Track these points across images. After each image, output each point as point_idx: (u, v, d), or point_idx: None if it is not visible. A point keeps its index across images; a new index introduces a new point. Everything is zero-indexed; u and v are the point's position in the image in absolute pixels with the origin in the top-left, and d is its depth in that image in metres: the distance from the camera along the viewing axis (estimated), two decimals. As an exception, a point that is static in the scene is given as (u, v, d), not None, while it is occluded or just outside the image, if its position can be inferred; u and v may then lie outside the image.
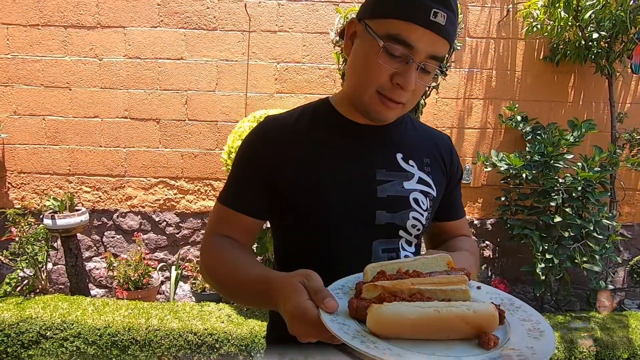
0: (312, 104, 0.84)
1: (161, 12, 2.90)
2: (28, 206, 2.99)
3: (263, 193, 0.77)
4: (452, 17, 0.68)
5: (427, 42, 0.66)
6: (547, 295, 2.99)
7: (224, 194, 0.81)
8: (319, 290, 0.55)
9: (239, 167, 0.81)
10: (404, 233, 0.78)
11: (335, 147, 0.77)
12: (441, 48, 0.68)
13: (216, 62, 2.96)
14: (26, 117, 3.00)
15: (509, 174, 2.81)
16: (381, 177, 0.77)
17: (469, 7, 2.96)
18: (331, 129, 0.79)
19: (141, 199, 3.10)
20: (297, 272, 0.59)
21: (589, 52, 2.77)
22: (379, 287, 0.54)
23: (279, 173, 0.76)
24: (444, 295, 0.54)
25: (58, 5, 2.87)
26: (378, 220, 0.76)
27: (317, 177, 0.75)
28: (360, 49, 0.72)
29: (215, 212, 0.82)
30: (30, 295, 2.69)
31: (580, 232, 2.72)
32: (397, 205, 0.77)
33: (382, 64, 0.68)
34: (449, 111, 3.06)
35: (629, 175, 3.14)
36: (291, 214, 0.77)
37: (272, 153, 0.76)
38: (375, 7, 0.70)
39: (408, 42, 0.66)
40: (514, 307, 0.59)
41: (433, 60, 0.69)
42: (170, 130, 3.04)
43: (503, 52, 3.03)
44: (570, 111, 3.06)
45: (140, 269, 2.82)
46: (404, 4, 0.66)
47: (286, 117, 0.81)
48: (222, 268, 0.74)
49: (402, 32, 0.66)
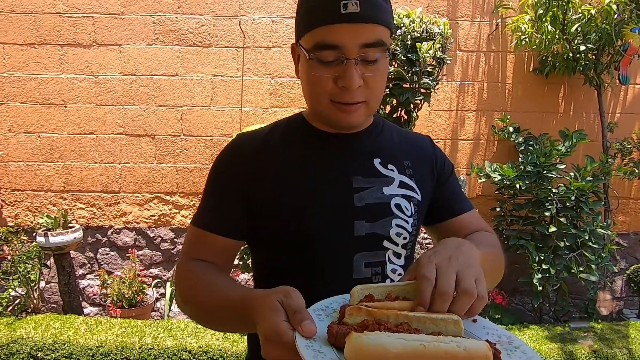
0: (285, 119, 0.82)
1: (157, 29, 2.94)
2: (21, 224, 2.97)
3: (238, 212, 0.74)
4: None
5: (349, 36, 0.64)
6: (545, 306, 2.97)
7: (198, 216, 0.77)
8: (297, 310, 0.50)
9: (211, 187, 0.77)
10: (389, 244, 0.73)
11: (309, 159, 0.75)
12: (369, 34, 0.65)
13: (211, 78, 3.00)
14: (21, 135, 3.00)
15: (503, 184, 2.83)
16: (358, 185, 0.73)
17: (458, 21, 3.02)
18: (304, 141, 0.77)
19: (136, 215, 3.09)
20: (276, 289, 0.55)
21: (577, 64, 2.83)
22: (364, 310, 0.50)
23: (253, 189, 0.73)
24: (433, 325, 0.50)
25: (54, 25, 2.91)
26: (357, 231, 0.71)
27: (291, 191, 0.72)
28: (301, 68, 0.71)
29: (189, 236, 0.77)
30: (21, 315, 2.64)
31: (576, 242, 2.73)
32: (377, 213, 0.72)
33: (320, 75, 0.67)
34: (442, 123, 3.09)
35: (622, 184, 3.16)
36: (267, 230, 0.74)
37: (244, 169, 0.74)
38: (298, 26, 0.70)
39: (332, 44, 0.65)
40: (513, 347, 0.52)
41: (370, 49, 0.65)
42: (166, 146, 3.04)
43: (493, 64, 3.09)
44: (561, 122, 3.11)
45: (134, 286, 2.79)
46: (316, 10, 0.66)
47: (257, 132, 0.79)
48: (199, 292, 0.68)
49: (322, 38, 0.65)
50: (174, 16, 2.93)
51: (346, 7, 0.63)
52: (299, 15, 0.71)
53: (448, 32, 2.43)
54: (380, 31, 0.66)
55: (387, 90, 2.44)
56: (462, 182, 3.09)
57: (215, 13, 2.94)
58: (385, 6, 0.67)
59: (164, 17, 2.93)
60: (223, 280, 0.68)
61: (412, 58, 2.35)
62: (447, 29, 2.42)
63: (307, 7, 0.68)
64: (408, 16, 2.41)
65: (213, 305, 0.65)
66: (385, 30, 0.67)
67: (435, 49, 2.35)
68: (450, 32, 2.47)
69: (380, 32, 0.66)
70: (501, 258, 0.78)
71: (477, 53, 3.07)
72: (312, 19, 0.66)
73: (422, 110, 2.75)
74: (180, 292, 0.72)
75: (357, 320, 0.50)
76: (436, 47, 2.35)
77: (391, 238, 0.73)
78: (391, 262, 0.74)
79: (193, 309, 0.70)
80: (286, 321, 0.50)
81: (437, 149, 0.85)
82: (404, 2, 2.95)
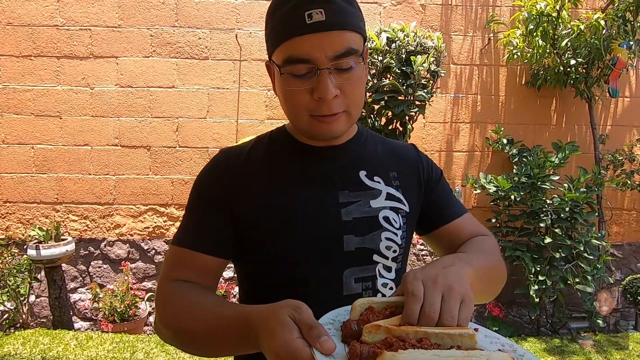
0: (267, 133, 0.79)
1: (154, 42, 2.97)
2: (12, 236, 2.92)
3: (223, 229, 0.70)
4: (332, 5, 0.62)
5: (318, 46, 0.62)
6: (542, 317, 2.96)
7: (180, 236, 0.72)
8: (313, 326, 0.47)
9: (194, 205, 0.74)
10: (379, 257, 0.71)
11: (294, 175, 0.72)
12: (338, 42, 0.62)
13: (207, 90, 3.01)
14: (14, 146, 2.98)
15: (498, 195, 2.84)
16: (344, 199, 0.71)
17: (452, 36, 3.08)
18: (288, 155, 0.74)
19: (130, 227, 3.05)
20: (284, 303, 0.51)
21: (568, 78, 2.89)
22: (382, 328, 0.48)
23: (237, 207, 0.70)
24: (450, 340, 0.49)
25: (51, 37, 2.92)
26: (347, 246, 0.69)
27: (277, 208, 0.69)
28: (277, 85, 0.70)
29: (171, 257, 0.72)
30: (10, 330, 2.58)
31: (571, 253, 2.73)
32: (366, 227, 0.70)
33: (294, 89, 0.65)
34: (437, 135, 3.12)
35: (615, 195, 3.20)
36: (253, 248, 0.71)
37: (227, 187, 0.71)
38: (268, 42, 0.69)
39: (301, 57, 0.62)
40: (518, 355, 0.53)
41: (342, 57, 0.63)
42: (161, 157, 3.03)
43: (486, 77, 3.14)
44: (554, 134, 3.15)
45: (126, 299, 2.74)
46: (282, 24, 0.64)
47: (240, 148, 0.77)
48: (185, 315, 0.62)
49: (291, 52, 0.63)
50: (171, 29, 2.96)
51: (311, 17, 0.61)
52: (267, 31, 0.69)
53: (442, 46, 2.48)
54: (350, 38, 0.64)
55: (383, 102, 2.47)
56: (458, 193, 3.10)
57: (212, 26, 2.97)
58: (352, 11, 0.65)
59: (161, 30, 2.96)
60: (212, 298, 0.64)
61: (406, 71, 2.38)
62: (440, 43, 2.47)
63: (273, 23, 0.66)
64: (402, 30, 2.45)
65: (203, 326, 0.60)
66: (355, 35, 0.65)
67: (429, 62, 2.39)
68: (443, 46, 2.51)
69: (350, 39, 0.64)
70: (500, 265, 0.75)
71: (470, 66, 3.12)
72: (279, 33, 0.65)
73: (417, 122, 2.78)
74: (162, 317, 0.66)
75: (376, 338, 0.48)
76: (430, 60, 2.39)
77: (381, 252, 0.71)
78: (382, 276, 0.72)
79: (177, 333, 0.64)
80: (300, 338, 0.47)
81: (422, 156, 0.83)
82: (398, 16, 3.01)
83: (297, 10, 0.62)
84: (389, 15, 3.02)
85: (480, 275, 0.62)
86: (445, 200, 0.82)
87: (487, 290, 0.70)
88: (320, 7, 0.61)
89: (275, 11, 0.66)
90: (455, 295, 0.52)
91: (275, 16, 0.66)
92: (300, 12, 0.62)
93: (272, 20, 0.67)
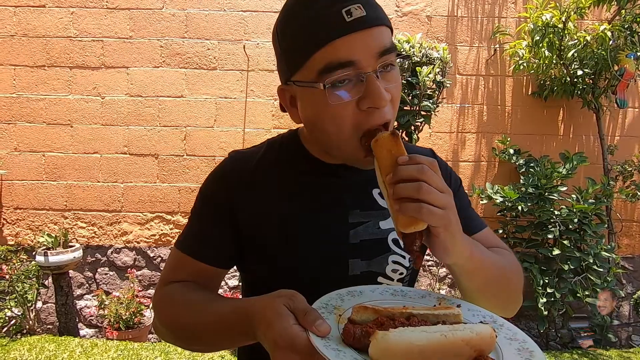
0: (279, 139, 0.74)
1: (163, 53, 3.03)
2: (22, 242, 2.96)
3: (226, 240, 0.68)
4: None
5: (362, 46, 0.54)
6: (551, 331, 2.90)
7: (184, 240, 0.70)
8: (307, 311, 0.48)
9: (199, 210, 0.71)
10: (383, 279, 0.68)
11: (304, 191, 0.68)
12: (382, 38, 0.56)
13: (215, 100, 3.06)
14: (26, 154, 3.04)
15: (505, 206, 2.82)
16: (354, 219, 0.67)
17: (457, 46, 3.10)
18: (299, 169, 0.69)
19: (136, 234, 3.08)
20: (278, 293, 0.51)
21: (575, 88, 2.88)
22: (370, 309, 0.51)
23: (242, 219, 0.67)
24: (435, 318, 0.52)
25: (65, 48, 3.00)
26: (352, 270, 0.66)
27: (282, 226, 0.66)
28: (309, 107, 0.60)
29: (173, 260, 0.71)
30: (16, 336, 2.59)
31: (580, 265, 2.69)
32: (373, 250, 0.67)
33: (337, 104, 0.56)
34: (443, 145, 3.12)
35: (625, 207, 3.15)
36: (253, 261, 0.69)
37: (234, 196, 0.67)
38: (290, 60, 0.59)
39: (344, 62, 0.54)
40: (498, 325, 0.56)
41: (387, 55, 0.56)
42: (168, 165, 3.07)
43: (492, 88, 3.14)
44: (561, 144, 3.13)
45: (132, 307, 2.74)
46: (314, 28, 0.55)
47: (250, 154, 0.71)
48: (184, 312, 0.62)
49: (330, 58, 0.54)
50: (180, 40, 3.02)
51: (350, 13, 0.53)
52: (287, 48, 0.60)
53: (447, 56, 2.49)
54: (388, 33, 0.58)
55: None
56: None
57: (220, 37, 3.03)
58: (380, 7, 0.60)
59: (171, 41, 3.02)
60: (207, 295, 0.64)
61: (412, 81, 2.40)
62: (446, 53, 2.49)
63: (298, 31, 0.57)
64: (408, 41, 2.48)
65: (200, 322, 0.60)
66: (390, 32, 0.59)
67: (435, 73, 2.40)
68: (449, 57, 2.53)
69: (389, 35, 0.58)
70: (515, 274, 0.70)
71: (476, 77, 3.13)
72: (312, 39, 0.55)
73: (423, 132, 2.79)
74: (160, 316, 0.67)
75: (364, 318, 0.50)
76: (436, 71, 2.41)
77: (386, 274, 0.69)
78: None
79: (175, 330, 0.64)
80: (296, 324, 0.47)
81: (441, 165, 0.75)
82: (404, 28, 3.04)
83: (331, 7, 0.54)
84: (395, 26, 3.06)
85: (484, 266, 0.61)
86: (462, 214, 0.70)
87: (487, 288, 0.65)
88: (358, 1, 0.55)
89: (298, 17, 0.57)
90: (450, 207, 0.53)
91: (298, 23, 0.57)
92: (337, 9, 0.54)
93: (294, 30, 0.57)
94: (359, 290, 0.61)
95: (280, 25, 0.60)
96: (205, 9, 3.01)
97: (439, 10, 3.08)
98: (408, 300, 0.61)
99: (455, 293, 3.04)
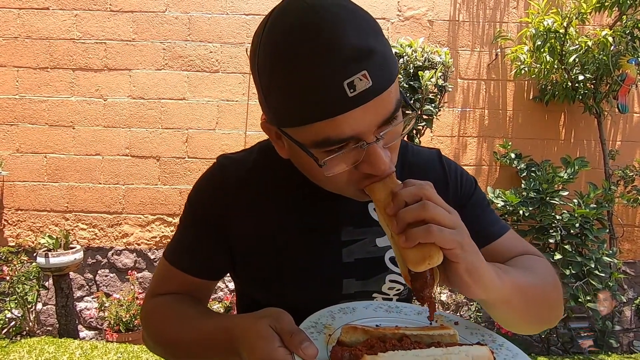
0: (271, 145, 0.64)
1: (166, 55, 3.04)
2: (22, 244, 2.96)
3: (213, 251, 0.65)
4: (374, 58, 0.47)
5: (365, 119, 0.48)
6: (552, 336, 2.89)
7: (172, 251, 0.68)
8: (294, 332, 0.45)
9: (189, 221, 0.68)
10: (378, 295, 0.66)
11: (294, 205, 0.64)
12: (386, 105, 0.49)
13: (217, 102, 3.06)
14: (28, 155, 3.04)
15: (506, 210, 2.82)
16: (347, 237, 0.63)
17: (459, 51, 3.11)
18: (292, 183, 0.64)
19: (137, 236, 3.08)
20: (263, 313, 0.49)
21: (576, 93, 2.89)
22: (360, 329, 0.49)
23: (232, 232, 0.64)
24: (430, 340, 0.50)
25: (68, 50, 3.01)
26: (346, 289, 0.64)
27: (272, 243, 0.63)
28: (299, 160, 0.55)
29: (162, 272, 0.68)
30: (16, 337, 2.59)
31: (582, 270, 2.68)
32: (369, 269, 0.63)
33: (334, 171, 0.51)
34: (444, 149, 3.12)
35: (626, 212, 3.15)
36: (244, 274, 0.68)
37: (224, 206, 0.64)
38: (280, 113, 0.51)
39: (345, 138, 0.48)
40: (497, 345, 0.54)
41: (391, 121, 0.51)
42: (170, 168, 3.07)
43: (494, 92, 3.15)
44: (563, 149, 3.13)
45: (132, 309, 2.74)
46: (310, 97, 0.47)
47: (241, 160, 0.67)
48: (171, 328, 0.61)
49: (329, 133, 0.48)
50: (183, 43, 3.03)
51: (353, 87, 0.45)
52: (273, 96, 0.51)
53: (449, 61, 2.50)
54: (395, 90, 0.50)
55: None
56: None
57: (223, 41, 3.04)
58: (389, 52, 0.50)
59: (174, 44, 3.03)
60: (194, 310, 0.62)
61: (414, 86, 2.41)
62: (448, 58, 2.50)
63: (289, 90, 0.48)
64: (410, 46, 2.49)
65: (189, 338, 0.58)
66: (396, 81, 0.52)
67: (436, 77, 2.41)
68: (451, 61, 2.54)
69: (395, 91, 0.50)
70: (549, 285, 0.62)
71: (478, 81, 3.14)
72: (304, 109, 0.48)
73: (425, 136, 2.79)
74: (148, 330, 0.65)
75: (354, 339, 0.48)
76: (438, 75, 2.42)
77: (382, 291, 0.65)
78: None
79: (163, 346, 0.63)
80: (282, 346, 0.45)
81: (450, 169, 0.70)
82: (406, 32, 3.05)
83: (331, 78, 0.46)
84: (397, 30, 3.07)
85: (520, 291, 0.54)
86: (479, 220, 0.67)
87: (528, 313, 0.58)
88: (362, 68, 0.46)
89: (290, 74, 0.47)
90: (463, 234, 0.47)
91: (291, 82, 0.48)
92: (338, 83, 0.45)
93: (286, 88, 0.48)
94: (351, 306, 0.59)
95: (265, 60, 0.50)
96: (207, 12, 3.02)
97: (440, 15, 3.09)
98: (403, 317, 0.59)
99: (456, 297, 3.03)
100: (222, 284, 3.12)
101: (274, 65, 0.49)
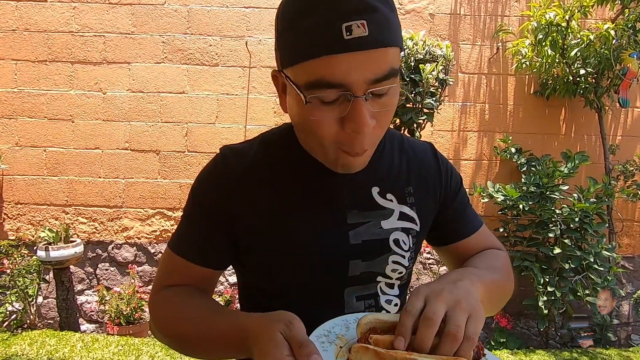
0: (274, 134, 0.71)
1: (165, 49, 3.02)
2: (22, 237, 2.96)
3: (218, 240, 0.66)
4: (376, 15, 0.50)
5: (356, 69, 0.50)
6: (551, 330, 2.91)
7: (177, 242, 0.69)
8: (303, 343, 0.45)
9: (193, 212, 0.68)
10: (382, 278, 0.68)
11: (300, 190, 0.65)
12: (380, 64, 0.51)
13: (217, 96, 3.05)
14: (27, 149, 3.03)
15: (506, 204, 2.82)
16: (353, 220, 0.65)
17: (460, 45, 3.09)
18: (295, 166, 0.66)
19: (137, 230, 3.08)
20: (276, 318, 0.49)
21: (578, 87, 2.88)
22: (371, 350, 0.47)
23: (234, 215, 0.65)
24: None
25: (66, 42, 2.99)
26: (352, 271, 0.65)
27: (278, 229, 0.64)
28: (294, 107, 0.58)
29: (167, 264, 0.69)
30: (17, 330, 2.60)
31: (581, 264, 2.69)
32: (375, 250, 0.66)
33: (321, 119, 0.54)
34: (445, 143, 3.11)
35: (626, 207, 3.15)
36: (249, 263, 0.68)
37: (228, 196, 0.65)
38: (283, 53, 0.55)
39: (335, 82, 0.51)
40: None
41: (382, 82, 0.52)
42: (170, 162, 3.07)
43: (495, 86, 3.14)
44: (563, 143, 3.13)
45: (132, 302, 2.75)
46: (311, 35, 0.51)
47: (244, 150, 0.69)
48: (181, 322, 0.62)
49: (322, 74, 0.51)
50: (182, 36, 3.01)
51: (350, 30, 0.49)
52: (282, 40, 0.55)
53: (450, 54, 2.49)
54: (392, 55, 0.53)
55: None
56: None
57: (223, 34, 3.02)
58: (395, 21, 0.53)
59: (173, 37, 3.01)
60: (205, 305, 0.63)
61: (415, 79, 2.40)
62: (449, 51, 2.48)
63: (295, 32, 0.53)
64: (411, 39, 2.47)
65: (199, 333, 0.59)
66: (396, 50, 0.54)
67: (437, 71, 2.40)
68: (452, 55, 2.52)
69: (392, 57, 0.53)
70: (509, 284, 0.71)
71: (479, 75, 3.12)
72: (304, 47, 0.51)
73: (425, 130, 2.78)
74: (159, 325, 0.66)
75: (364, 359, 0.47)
76: (439, 68, 2.41)
77: (385, 274, 0.68)
78: (384, 293, 0.69)
79: (172, 338, 0.64)
80: (290, 355, 0.45)
81: (442, 164, 0.74)
82: (407, 25, 3.03)
83: (331, 20, 0.49)
84: (398, 24, 3.05)
85: (489, 293, 0.60)
86: (460, 215, 0.75)
87: (491, 308, 0.66)
88: (362, 17, 0.49)
89: (299, 18, 0.52)
90: (462, 307, 0.49)
91: (298, 24, 0.52)
92: (337, 24, 0.49)
93: (293, 29, 0.53)
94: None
95: (283, 15, 0.56)
96: (207, 5, 3.00)
97: (441, 8, 3.07)
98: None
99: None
100: (222, 277, 3.12)
101: (286, 8, 0.55)
